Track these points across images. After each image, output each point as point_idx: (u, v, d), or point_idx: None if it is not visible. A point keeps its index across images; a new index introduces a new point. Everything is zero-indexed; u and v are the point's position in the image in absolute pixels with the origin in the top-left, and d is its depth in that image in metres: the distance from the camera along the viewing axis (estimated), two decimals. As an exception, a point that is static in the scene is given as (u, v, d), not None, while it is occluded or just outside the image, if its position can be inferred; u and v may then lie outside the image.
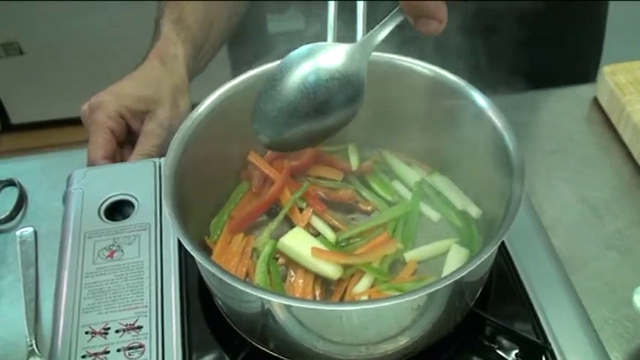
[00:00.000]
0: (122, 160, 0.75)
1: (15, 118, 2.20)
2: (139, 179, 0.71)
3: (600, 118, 0.89)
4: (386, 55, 0.62)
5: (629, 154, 0.84)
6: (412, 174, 0.67)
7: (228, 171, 0.65)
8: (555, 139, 0.88)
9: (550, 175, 0.83)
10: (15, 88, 2.13)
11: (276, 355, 0.55)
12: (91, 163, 0.73)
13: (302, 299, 0.53)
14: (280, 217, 0.63)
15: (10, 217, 0.80)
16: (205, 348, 0.58)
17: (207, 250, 0.62)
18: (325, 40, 0.55)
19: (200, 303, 0.61)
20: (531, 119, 0.91)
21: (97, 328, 0.59)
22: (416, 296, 0.46)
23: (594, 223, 0.77)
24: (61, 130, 2.21)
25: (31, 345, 0.67)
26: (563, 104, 0.92)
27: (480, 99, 0.59)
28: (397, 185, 0.67)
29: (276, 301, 0.46)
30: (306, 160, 0.66)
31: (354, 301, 0.48)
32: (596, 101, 0.91)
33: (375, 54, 0.60)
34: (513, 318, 0.58)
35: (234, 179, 0.66)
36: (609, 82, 0.86)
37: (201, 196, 0.60)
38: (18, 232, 0.78)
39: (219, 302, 0.57)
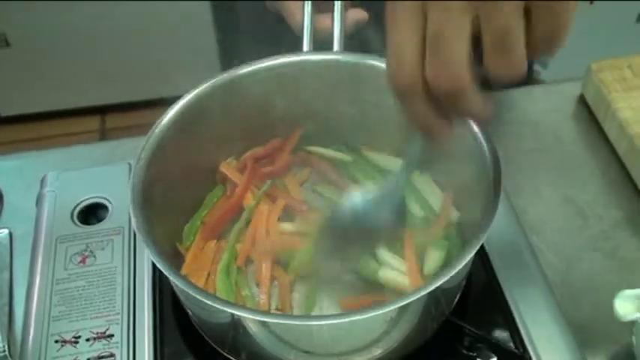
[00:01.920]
0: None
1: (3, 111, 2.18)
2: (113, 182, 0.70)
3: (586, 116, 0.88)
4: (368, 56, 0.60)
5: (614, 152, 0.83)
6: (395, 162, 0.65)
7: (201, 175, 0.63)
8: (540, 137, 0.86)
9: (535, 175, 0.82)
10: (1, 80, 2.11)
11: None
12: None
13: (270, 313, 0.52)
14: (243, 217, 0.61)
15: (-14, 219, 0.79)
16: (177, 358, 0.57)
17: (179, 258, 0.60)
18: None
19: (173, 311, 0.60)
20: (516, 116, 0.89)
21: (67, 337, 0.58)
22: (388, 309, 0.45)
23: (579, 224, 0.76)
24: (47, 122, 2.19)
25: (4, 350, 0.66)
26: (549, 101, 0.91)
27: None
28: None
29: (241, 315, 0.45)
30: (279, 166, 0.64)
31: (323, 316, 0.47)
32: (582, 98, 0.89)
33: (357, 55, 0.59)
34: (492, 326, 0.57)
35: (208, 183, 0.65)
36: (595, 79, 0.85)
37: (173, 201, 0.59)
38: (-7, 234, 0.77)
39: (190, 312, 0.56)
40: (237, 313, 0.45)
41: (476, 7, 0.37)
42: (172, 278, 0.47)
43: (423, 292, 0.45)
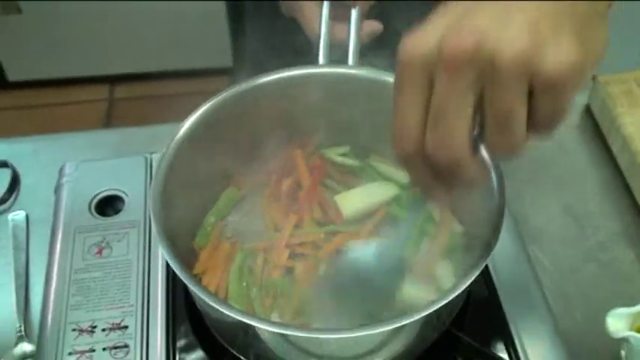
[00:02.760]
0: None
1: (13, 76, 2.20)
2: (130, 175, 0.72)
3: (591, 127, 0.90)
4: (384, 72, 0.63)
5: (617, 165, 0.85)
6: (399, 173, 0.68)
7: (217, 180, 0.65)
8: (544, 146, 0.88)
9: (536, 184, 0.84)
10: (13, 46, 2.13)
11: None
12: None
13: (280, 324, 0.55)
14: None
15: (3, 200, 0.81)
16: (188, 352, 0.60)
17: (194, 255, 0.63)
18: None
19: (185, 305, 0.63)
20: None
21: (84, 326, 0.61)
22: (394, 326, 0.47)
23: (577, 234, 0.79)
24: (56, 89, 2.21)
25: (21, 331, 0.69)
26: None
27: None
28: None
29: (252, 324, 0.48)
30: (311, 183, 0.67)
31: (332, 329, 0.50)
32: (588, 108, 0.91)
33: (373, 70, 0.61)
34: (488, 338, 0.60)
35: (224, 186, 0.67)
36: (602, 93, 0.87)
37: (189, 204, 0.61)
38: (10, 216, 0.79)
39: (201, 310, 0.59)
40: (248, 321, 0.47)
41: (482, 84, 0.38)
42: (190, 286, 0.49)
43: (424, 313, 0.48)
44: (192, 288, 0.49)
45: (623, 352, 0.64)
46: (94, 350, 0.59)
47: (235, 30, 1.07)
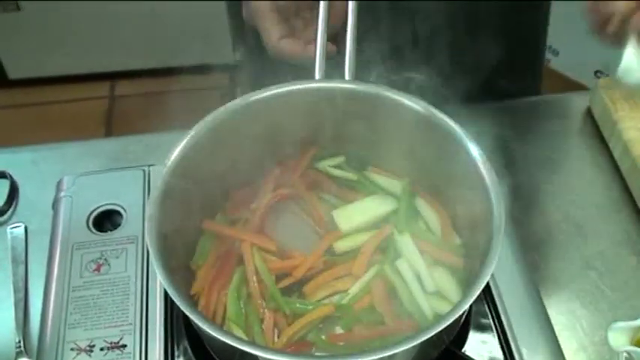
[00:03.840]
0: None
1: (12, 74, 2.19)
2: (128, 188, 0.72)
3: (592, 130, 0.89)
4: (382, 87, 0.62)
5: (618, 170, 0.84)
6: (396, 184, 0.68)
7: (214, 197, 0.65)
8: (546, 149, 0.88)
9: (537, 189, 0.83)
10: (12, 43, 2.12)
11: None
12: (272, 49, 0.69)
13: (275, 350, 0.55)
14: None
15: (1, 212, 0.81)
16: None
17: (192, 273, 0.63)
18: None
19: (184, 324, 0.62)
20: (522, 127, 0.90)
21: (83, 345, 0.61)
22: (395, 351, 0.47)
23: (578, 242, 0.78)
24: (57, 86, 2.21)
25: (20, 346, 0.69)
26: (557, 112, 0.92)
27: (471, 148, 0.59)
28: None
29: (247, 351, 0.48)
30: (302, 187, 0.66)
31: (329, 356, 0.49)
32: (589, 113, 0.90)
33: (371, 85, 0.61)
34: (488, 353, 0.59)
35: (222, 204, 0.66)
36: (603, 97, 0.86)
37: (188, 222, 0.61)
38: (9, 229, 0.79)
39: (199, 331, 0.58)
40: (246, 350, 0.47)
41: None
42: (187, 313, 0.49)
43: (428, 335, 0.48)
44: (190, 315, 0.49)
45: (624, 366, 0.64)
46: (92, 369, 0.59)
47: (236, 26, 1.06)
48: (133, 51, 2.14)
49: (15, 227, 0.79)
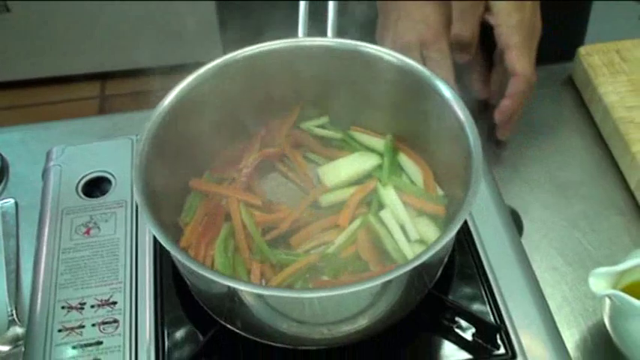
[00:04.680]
0: None
1: (1, 76, 2.20)
2: (116, 156, 0.73)
3: (574, 98, 0.90)
4: (361, 44, 0.63)
5: (599, 134, 0.86)
6: (379, 142, 0.68)
7: (200, 155, 0.66)
8: (528, 116, 0.89)
9: (520, 154, 0.85)
10: (2, 45, 2.13)
11: (243, 334, 0.57)
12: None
13: (262, 286, 0.56)
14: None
15: (-8, 189, 0.82)
16: (177, 324, 0.60)
17: (180, 231, 0.64)
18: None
19: (173, 280, 0.63)
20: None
21: (73, 303, 0.62)
22: (374, 283, 0.48)
23: (561, 203, 0.80)
24: (47, 88, 2.21)
25: (12, 315, 0.70)
26: (539, 82, 0.93)
27: (443, 89, 0.60)
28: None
29: (236, 287, 0.49)
30: (286, 146, 0.68)
31: (311, 289, 0.50)
32: (570, 80, 0.92)
33: (350, 42, 0.63)
34: (471, 300, 0.60)
35: (208, 162, 0.67)
36: (583, 63, 0.88)
37: (174, 178, 0.62)
38: (-1, 203, 0.80)
39: (188, 282, 0.59)
40: (234, 285, 0.48)
41: None
42: (174, 253, 0.50)
43: (404, 270, 0.49)
44: (176, 255, 0.50)
45: (606, 314, 0.65)
46: (83, 326, 0.60)
47: (225, 25, 1.08)
48: (122, 50, 2.15)
49: (5, 202, 0.80)
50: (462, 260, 0.63)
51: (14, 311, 0.70)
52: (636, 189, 0.79)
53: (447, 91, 0.59)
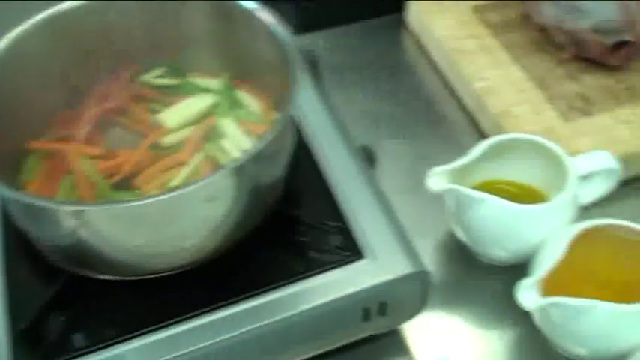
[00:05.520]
0: None
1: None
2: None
3: (411, 40, 0.96)
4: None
5: (438, 69, 0.91)
6: (215, 82, 0.69)
7: (37, 114, 0.65)
8: (365, 61, 0.93)
9: (364, 94, 0.89)
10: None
11: (95, 276, 0.57)
12: None
13: (84, 202, 0.56)
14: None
15: None
16: (27, 284, 0.59)
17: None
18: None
19: (23, 246, 0.61)
20: (350, 45, 0.96)
21: None
22: (201, 184, 0.49)
23: (408, 141, 0.83)
24: None
25: None
26: (373, 33, 0.97)
27: (262, 15, 0.62)
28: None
29: (62, 209, 0.49)
30: (124, 99, 0.68)
31: (131, 199, 0.50)
32: (407, 27, 0.97)
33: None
34: (322, 215, 0.62)
35: (45, 117, 0.66)
36: (414, 6, 0.93)
37: (9, 136, 0.61)
38: None
39: (32, 238, 0.58)
40: (51, 206, 0.49)
41: None
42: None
43: (233, 166, 0.50)
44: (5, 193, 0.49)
45: (449, 215, 0.68)
46: None
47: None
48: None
49: None
50: (306, 179, 0.64)
51: None
52: (475, 112, 0.84)
53: (264, 15, 0.62)
